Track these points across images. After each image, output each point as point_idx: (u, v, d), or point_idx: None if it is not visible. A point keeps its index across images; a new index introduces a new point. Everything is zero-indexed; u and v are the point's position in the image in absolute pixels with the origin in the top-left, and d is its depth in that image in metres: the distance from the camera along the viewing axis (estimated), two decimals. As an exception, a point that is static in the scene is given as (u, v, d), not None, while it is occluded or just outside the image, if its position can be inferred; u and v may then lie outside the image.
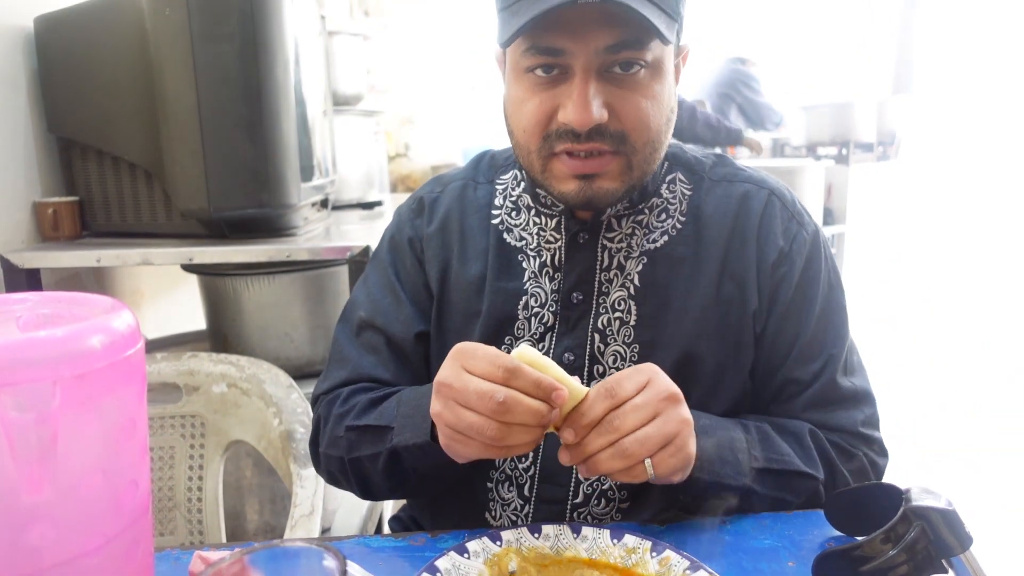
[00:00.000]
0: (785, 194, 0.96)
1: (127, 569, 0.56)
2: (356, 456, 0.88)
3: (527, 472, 0.90)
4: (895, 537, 0.67)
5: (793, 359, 0.92)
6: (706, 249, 0.91)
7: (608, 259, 0.92)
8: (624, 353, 0.90)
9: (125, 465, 0.55)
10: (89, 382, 0.51)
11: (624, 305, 0.91)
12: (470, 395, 0.68)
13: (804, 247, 0.92)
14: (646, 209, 0.93)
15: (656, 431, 0.71)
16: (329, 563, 0.50)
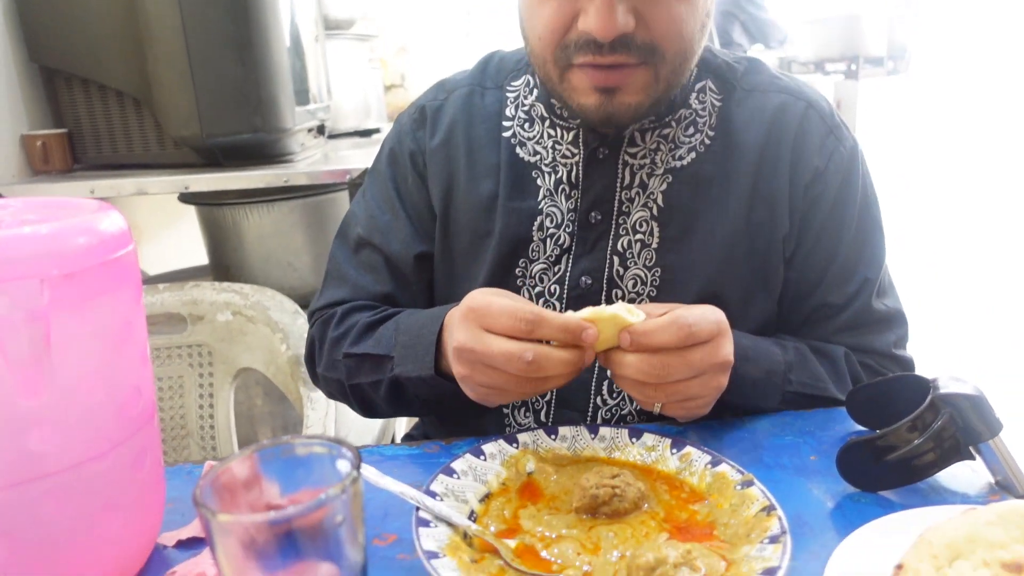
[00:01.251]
0: (823, 105, 0.88)
1: (136, 477, 0.55)
2: (356, 383, 0.86)
3: (543, 397, 0.88)
4: (922, 425, 0.65)
5: (827, 283, 0.87)
6: (736, 168, 0.84)
7: (630, 176, 0.85)
8: (645, 277, 0.84)
9: (125, 370, 0.53)
10: (79, 282, 0.48)
11: (646, 227, 0.84)
12: (496, 358, 0.65)
13: (841, 164, 0.85)
14: (673, 122, 0.85)
15: (687, 390, 0.68)
16: (343, 465, 0.48)
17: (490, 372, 0.66)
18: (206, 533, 0.43)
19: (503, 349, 0.64)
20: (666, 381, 0.66)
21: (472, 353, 0.66)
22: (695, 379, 0.67)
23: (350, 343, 0.86)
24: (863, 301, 0.88)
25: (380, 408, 0.88)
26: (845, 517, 0.63)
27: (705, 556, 0.55)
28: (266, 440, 0.48)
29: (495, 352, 0.64)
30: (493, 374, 0.66)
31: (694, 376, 0.67)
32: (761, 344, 0.80)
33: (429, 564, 0.52)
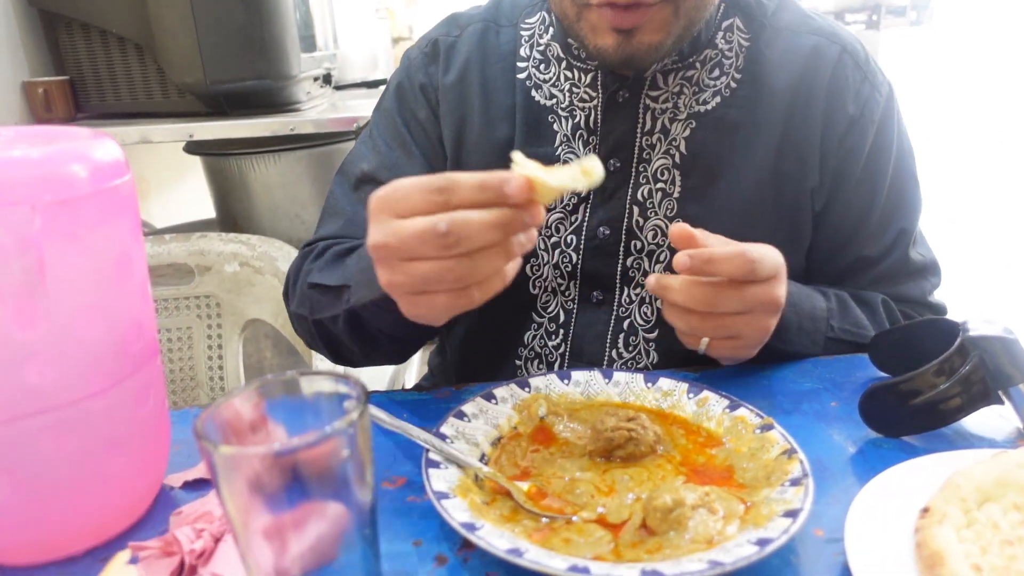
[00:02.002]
0: (858, 50, 0.83)
1: (139, 416, 0.54)
2: (319, 318, 0.78)
3: (557, 350, 0.85)
4: (949, 369, 0.63)
5: (863, 236, 0.84)
6: (764, 114, 0.80)
7: (651, 121, 0.80)
8: (665, 228, 0.80)
9: (125, 305, 0.51)
10: (73, 210, 0.46)
11: (668, 175, 0.80)
12: (410, 241, 0.52)
13: (876, 112, 0.81)
14: (697, 63, 0.80)
15: (734, 326, 0.65)
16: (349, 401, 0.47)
17: (409, 267, 0.54)
18: (209, 469, 0.41)
19: (413, 228, 0.52)
20: (714, 312, 0.64)
21: (386, 248, 0.54)
22: (744, 315, 0.65)
23: (316, 273, 0.79)
24: (900, 253, 0.85)
25: (346, 347, 0.80)
26: (867, 462, 0.61)
27: (724, 499, 0.53)
28: (270, 376, 0.46)
29: (406, 234, 0.52)
30: (413, 267, 0.54)
31: (743, 312, 0.65)
32: (803, 290, 0.78)
33: (439, 504, 0.50)
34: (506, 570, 0.49)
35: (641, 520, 0.51)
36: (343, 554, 0.44)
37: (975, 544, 0.48)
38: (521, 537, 0.50)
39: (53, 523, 0.51)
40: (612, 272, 0.82)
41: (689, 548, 0.48)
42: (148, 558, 0.50)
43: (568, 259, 0.83)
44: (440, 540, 0.53)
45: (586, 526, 0.52)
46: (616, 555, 0.49)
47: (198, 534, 0.51)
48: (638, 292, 0.83)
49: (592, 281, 0.83)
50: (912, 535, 0.49)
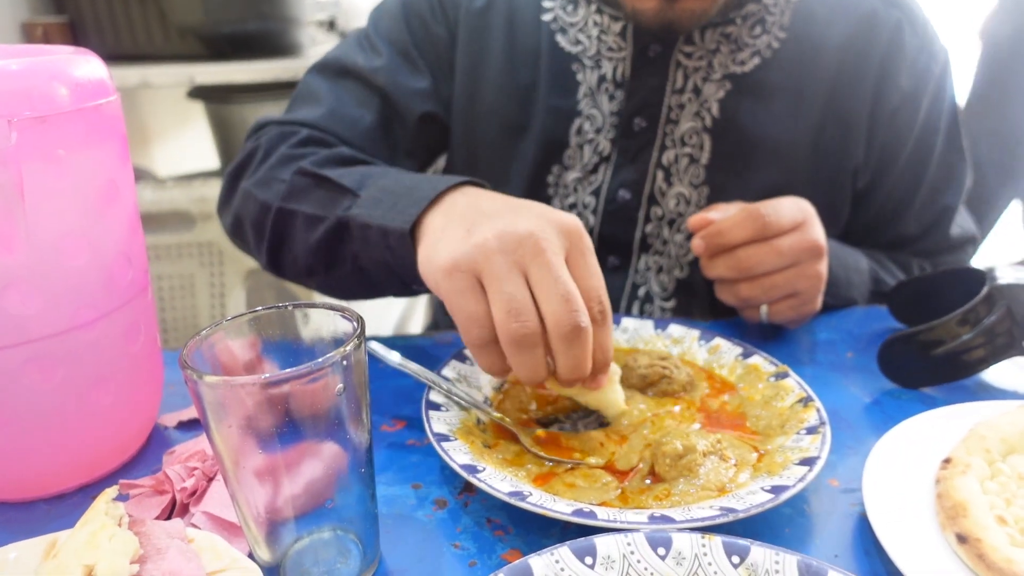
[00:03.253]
0: (917, 16, 0.77)
1: (129, 351, 0.52)
2: (290, 208, 0.67)
3: None
4: (974, 318, 0.60)
5: (905, 216, 0.80)
6: (808, 79, 0.74)
7: (683, 80, 0.74)
8: (689, 197, 0.76)
9: (112, 235, 0.49)
10: (53, 128, 0.43)
11: (696, 139, 0.75)
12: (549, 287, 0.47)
13: (930, 84, 0.76)
14: (738, 19, 0.74)
15: (785, 282, 0.62)
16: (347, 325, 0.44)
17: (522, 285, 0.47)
18: (196, 404, 0.39)
19: (568, 290, 0.47)
20: (757, 273, 0.62)
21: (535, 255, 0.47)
22: (790, 269, 0.63)
23: (311, 162, 0.69)
24: (942, 230, 0.82)
25: (294, 255, 0.69)
26: (884, 413, 0.59)
27: (736, 447, 0.51)
28: (261, 307, 0.43)
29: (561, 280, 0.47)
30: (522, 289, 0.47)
31: (789, 266, 0.62)
32: (842, 247, 0.75)
33: (440, 446, 0.48)
34: (508, 515, 0.47)
35: (650, 467, 0.49)
36: (338, 495, 0.43)
37: (999, 496, 0.46)
38: (524, 481, 0.48)
39: (41, 459, 0.49)
40: (629, 238, 0.79)
41: (699, 496, 0.46)
42: (139, 496, 0.49)
43: (585, 221, 0.79)
44: (440, 483, 0.51)
45: (592, 471, 0.50)
46: (623, 501, 0.47)
47: (190, 472, 0.49)
48: (656, 260, 0.79)
49: (609, 246, 0.80)
50: (933, 486, 0.47)
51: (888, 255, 0.81)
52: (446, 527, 0.47)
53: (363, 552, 0.43)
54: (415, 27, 0.80)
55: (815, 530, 0.47)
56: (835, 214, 0.79)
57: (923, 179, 0.79)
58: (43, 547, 0.43)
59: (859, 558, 0.44)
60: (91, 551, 0.38)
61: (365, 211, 0.60)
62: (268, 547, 0.41)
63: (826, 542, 0.45)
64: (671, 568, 0.39)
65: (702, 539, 0.40)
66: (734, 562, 0.39)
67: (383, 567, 0.44)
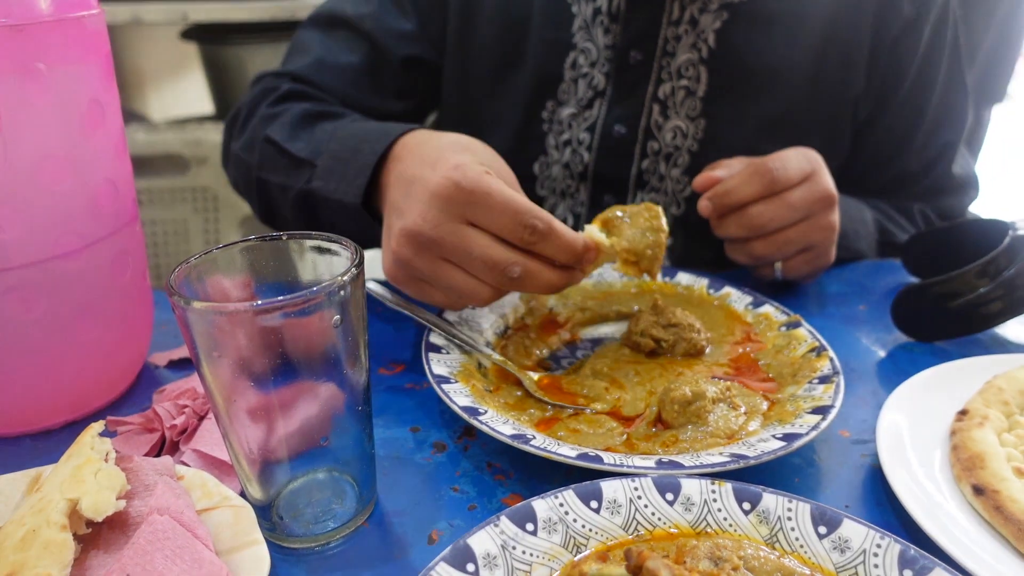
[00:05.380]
0: None
1: (116, 284, 0.49)
2: (264, 178, 0.70)
3: None
4: (994, 271, 0.58)
5: (907, 151, 0.78)
6: (808, 5, 0.71)
7: (679, 11, 0.72)
8: (686, 130, 0.74)
9: (96, 159, 0.46)
10: (31, 40, 0.40)
11: (693, 71, 0.73)
12: (473, 263, 0.48)
13: (933, 11, 0.73)
14: None
15: (799, 237, 0.61)
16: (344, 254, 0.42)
17: (448, 271, 0.50)
18: (185, 334, 0.37)
19: (488, 256, 0.48)
20: (770, 230, 0.60)
21: (437, 244, 0.48)
22: (803, 222, 0.61)
23: (277, 128, 0.70)
24: (943, 167, 0.80)
25: (283, 217, 0.72)
26: (897, 366, 0.57)
27: (745, 395, 0.49)
28: (254, 236, 0.41)
29: (474, 255, 0.48)
30: (448, 272, 0.50)
31: (801, 219, 0.60)
32: (846, 199, 0.73)
33: (440, 388, 0.46)
34: (509, 459, 0.46)
35: (657, 413, 0.48)
36: (334, 435, 0.41)
37: (1017, 448, 0.44)
38: (527, 425, 0.46)
39: (26, 393, 0.47)
40: (626, 175, 0.77)
41: (708, 443, 0.45)
42: (127, 433, 0.47)
43: (580, 159, 0.77)
44: (439, 427, 0.49)
45: (597, 417, 0.48)
46: (628, 447, 0.45)
47: (180, 410, 0.47)
48: (652, 196, 0.77)
49: (604, 183, 0.78)
50: (947, 437, 0.46)
51: (890, 203, 0.79)
52: (445, 470, 0.45)
53: (359, 494, 0.42)
54: None
55: (825, 480, 0.45)
56: (836, 146, 0.77)
57: (925, 112, 0.77)
58: (27, 481, 0.41)
59: (870, 508, 0.43)
60: (76, 485, 0.36)
61: (322, 183, 0.62)
62: (261, 486, 0.40)
63: (837, 492, 0.44)
64: (679, 514, 0.38)
65: (712, 485, 0.38)
66: (745, 508, 0.37)
67: (379, 509, 0.42)
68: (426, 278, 0.51)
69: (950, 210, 0.81)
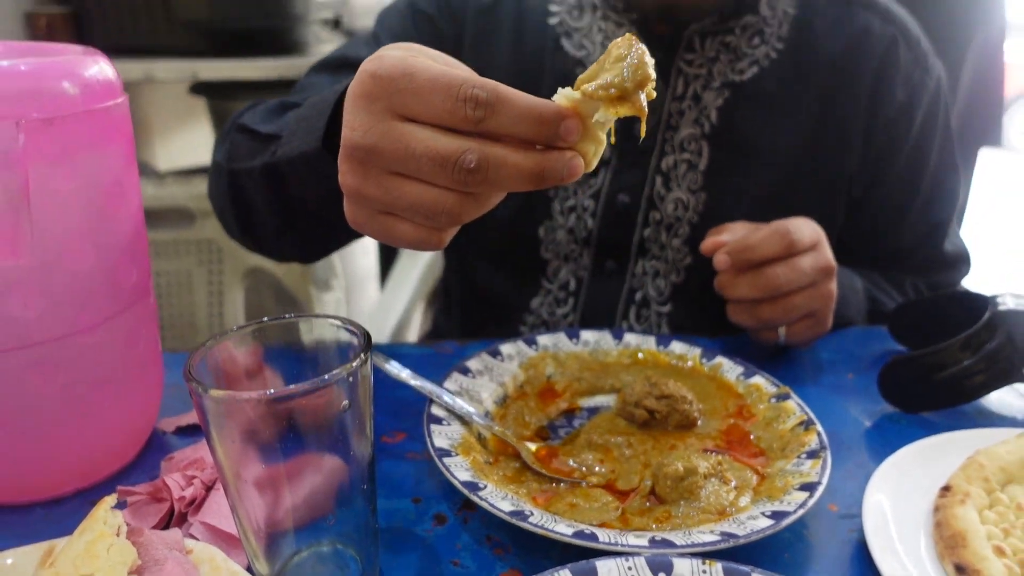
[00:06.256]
0: (911, 32, 0.78)
1: (130, 356, 0.51)
2: (236, 168, 0.65)
3: (565, 319, 0.82)
4: (976, 344, 0.60)
5: (899, 227, 0.81)
6: (804, 89, 0.75)
7: (683, 87, 0.76)
8: (688, 202, 0.77)
9: (117, 238, 0.48)
10: (61, 130, 0.43)
11: (695, 145, 0.76)
12: (420, 164, 0.40)
13: (925, 97, 0.77)
14: (737, 29, 0.76)
15: (805, 302, 0.63)
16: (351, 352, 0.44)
17: (397, 183, 0.41)
18: (199, 413, 0.39)
19: (432, 149, 0.39)
20: (780, 293, 0.62)
21: (375, 154, 0.40)
22: (808, 289, 0.63)
23: (249, 116, 0.67)
24: (935, 245, 0.82)
25: (259, 218, 0.66)
26: (884, 438, 0.59)
27: (736, 469, 0.51)
28: (267, 318, 0.43)
29: (417, 152, 0.39)
30: (402, 186, 0.41)
31: (808, 285, 0.63)
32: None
33: (441, 462, 0.48)
34: (508, 533, 0.47)
35: (650, 487, 0.49)
36: (339, 508, 0.42)
37: (998, 526, 0.46)
38: (525, 500, 0.48)
39: (38, 462, 0.49)
40: (628, 242, 0.79)
41: (700, 519, 0.46)
42: (136, 504, 0.48)
43: (584, 224, 0.79)
44: (440, 499, 0.51)
45: (593, 491, 0.49)
46: (623, 522, 0.47)
47: (188, 481, 0.49)
48: (653, 264, 0.79)
49: (607, 249, 0.80)
50: (931, 514, 0.47)
51: (881, 274, 0.81)
52: (445, 543, 0.47)
53: (362, 568, 0.43)
54: (421, 25, 0.81)
55: (814, 556, 0.46)
56: (830, 221, 0.79)
57: (917, 190, 0.80)
58: (40, 554, 0.43)
59: (858, 586, 0.44)
60: (89, 560, 0.38)
61: (287, 147, 0.57)
62: (267, 560, 0.41)
63: (825, 568, 0.45)
64: (672, 593, 0.39)
65: (703, 564, 0.39)
66: (735, 589, 0.39)
67: (381, 582, 0.44)
68: (383, 206, 0.43)
69: (941, 285, 0.83)
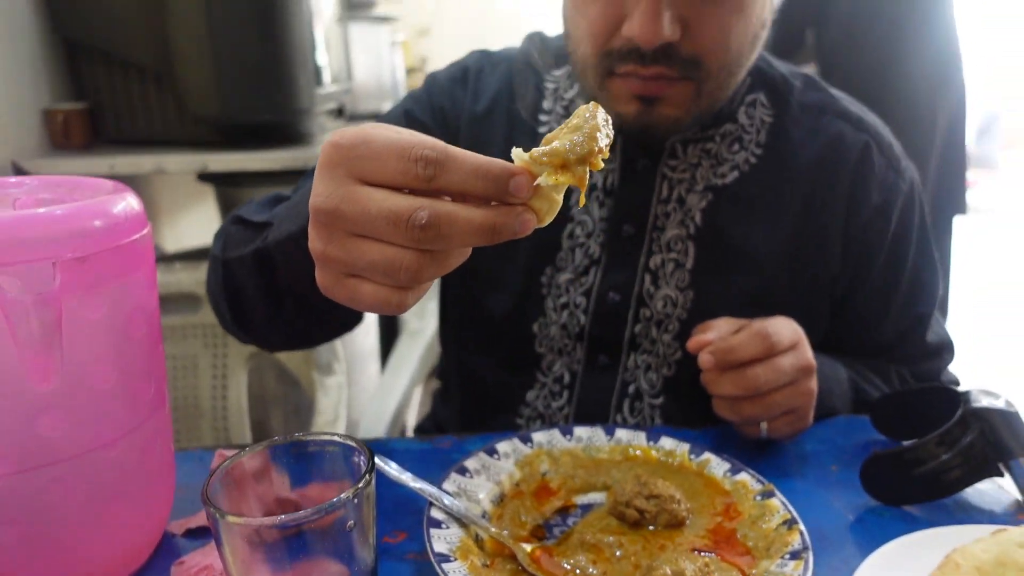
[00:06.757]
0: (883, 137, 0.83)
1: (146, 465, 0.54)
2: (229, 257, 0.69)
3: (561, 411, 0.85)
4: (951, 440, 0.63)
5: (881, 323, 0.84)
6: (784, 192, 0.79)
7: (668, 190, 0.80)
8: (676, 299, 0.80)
9: (137, 356, 0.52)
10: (92, 265, 0.47)
11: (681, 245, 0.80)
12: (376, 224, 0.42)
13: (899, 199, 0.81)
14: (717, 136, 0.80)
15: (785, 400, 0.66)
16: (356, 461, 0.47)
17: (360, 246, 0.43)
18: (213, 531, 0.42)
19: (386, 208, 0.42)
20: (761, 392, 0.65)
21: (336, 216, 0.43)
22: (788, 387, 0.66)
23: (245, 209, 0.71)
24: (917, 337, 0.86)
25: (250, 305, 0.69)
26: (868, 532, 0.61)
27: (723, 570, 0.53)
28: (278, 437, 0.46)
29: (372, 212, 0.42)
30: (361, 247, 0.43)
31: (788, 384, 0.66)
32: (821, 357, 0.77)
33: (440, 568, 0.50)
34: (504, 636, 0.49)
35: (640, 590, 0.52)
36: (343, 616, 0.45)
37: (974, 627, 0.48)
38: (520, 603, 0.50)
39: (54, 571, 0.51)
40: (620, 337, 0.82)
41: (688, 621, 0.48)
42: (148, 611, 0.50)
43: (576, 321, 0.83)
44: (439, 601, 0.53)
45: (585, 594, 0.52)
46: (614, 625, 0.49)
47: (199, 588, 0.51)
48: (644, 358, 0.82)
49: (599, 345, 0.83)
50: (911, 614, 0.49)
51: (866, 363, 0.84)
52: (444, 648, 0.48)
53: (365, 676, 0.45)
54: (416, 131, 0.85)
55: (799, 657, 0.48)
56: (815, 318, 0.82)
57: (898, 288, 0.84)
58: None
59: None
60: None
61: (276, 232, 0.61)
62: (274, 671, 0.43)
63: (810, 670, 0.47)
64: None
65: (690, 672, 0.41)
66: None
67: None
68: (347, 268, 0.45)
69: (926, 374, 0.86)
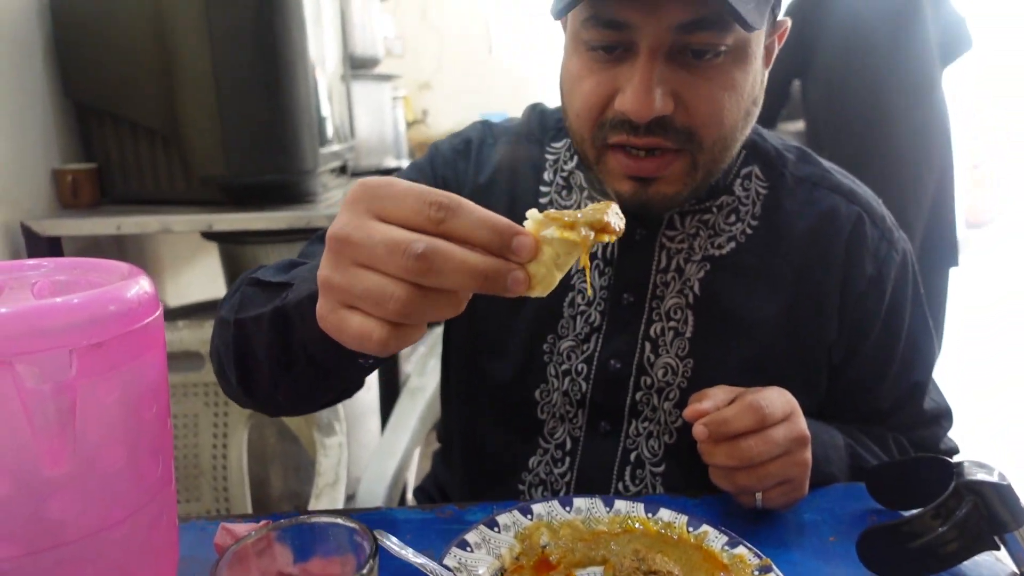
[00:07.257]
0: (875, 210, 0.85)
1: (152, 542, 0.55)
2: (242, 317, 0.68)
3: (563, 478, 0.85)
4: (945, 513, 0.64)
5: (878, 391, 0.86)
6: (780, 263, 0.81)
7: (666, 260, 0.82)
8: (676, 367, 0.81)
9: (147, 436, 0.53)
10: (107, 350, 0.48)
11: (680, 314, 0.81)
12: (376, 248, 0.45)
13: (893, 270, 0.83)
14: (713, 208, 0.82)
15: (779, 471, 0.68)
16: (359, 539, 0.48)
17: (359, 274, 0.46)
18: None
19: (386, 236, 0.45)
20: (755, 463, 0.66)
21: (346, 243, 0.47)
22: (782, 458, 0.67)
23: (262, 271, 0.72)
24: (914, 404, 0.87)
25: (257, 366, 0.69)
26: (866, 606, 0.62)
27: (722, 647, 0.53)
28: (282, 519, 0.47)
29: (375, 239, 0.45)
30: (363, 276, 0.46)
31: (781, 455, 0.67)
32: (817, 424, 0.78)
33: (441, 647, 0.51)
34: None
35: (640, 668, 0.52)
36: None
37: None
38: None
39: (59, 652, 0.51)
40: (621, 404, 0.83)
41: None
42: None
43: (578, 387, 0.84)
44: None
45: (585, 673, 0.52)
46: None
47: (201, 669, 0.51)
48: (646, 425, 0.83)
49: (601, 411, 0.84)
50: None
51: (863, 430, 0.85)
52: None
53: None
54: None
55: None
56: (812, 387, 0.84)
57: (893, 357, 0.85)
58: None
59: None
60: None
61: (296, 293, 0.62)
62: None
63: None
64: None
65: None
66: None
67: None
68: (344, 296, 0.47)
69: (924, 441, 0.88)
